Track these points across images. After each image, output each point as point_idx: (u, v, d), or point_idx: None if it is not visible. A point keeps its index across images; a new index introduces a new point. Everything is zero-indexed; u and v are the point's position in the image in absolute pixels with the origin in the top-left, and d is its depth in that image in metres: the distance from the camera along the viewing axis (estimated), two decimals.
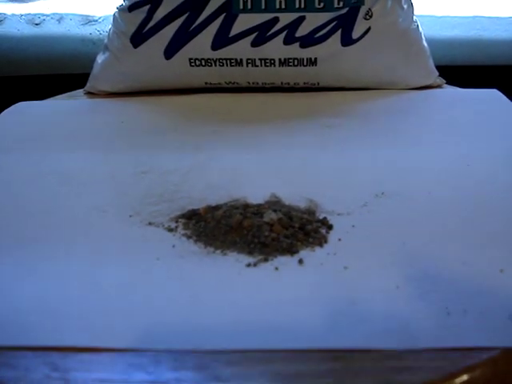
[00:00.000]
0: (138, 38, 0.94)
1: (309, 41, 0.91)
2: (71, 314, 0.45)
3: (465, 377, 0.39)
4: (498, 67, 1.24)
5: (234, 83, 0.97)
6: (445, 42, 1.23)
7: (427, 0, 1.22)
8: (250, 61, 0.93)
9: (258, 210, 0.57)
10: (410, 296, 0.46)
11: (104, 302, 0.47)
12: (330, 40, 0.92)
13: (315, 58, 0.93)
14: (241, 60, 0.93)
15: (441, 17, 1.26)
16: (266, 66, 0.93)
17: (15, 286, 0.49)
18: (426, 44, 0.98)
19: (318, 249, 0.53)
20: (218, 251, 0.52)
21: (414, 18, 0.97)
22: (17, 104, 0.96)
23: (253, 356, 0.41)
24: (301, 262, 0.51)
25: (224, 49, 0.92)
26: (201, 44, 0.92)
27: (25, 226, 0.59)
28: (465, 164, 0.69)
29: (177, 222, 0.58)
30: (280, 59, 0.93)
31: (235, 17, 0.90)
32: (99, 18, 1.29)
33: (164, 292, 0.48)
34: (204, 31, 0.92)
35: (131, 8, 0.93)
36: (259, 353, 0.41)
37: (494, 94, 0.94)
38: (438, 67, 1.00)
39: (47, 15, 1.29)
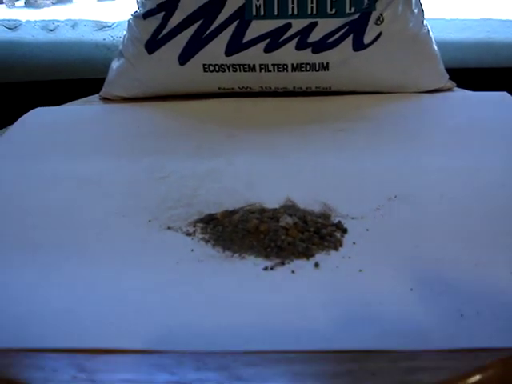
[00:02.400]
0: (153, 44, 0.96)
1: (321, 46, 0.92)
2: (93, 317, 0.47)
3: (478, 376, 0.40)
4: (508, 70, 1.24)
5: (247, 88, 0.98)
6: (455, 44, 1.24)
7: (437, 3, 1.22)
8: (262, 66, 0.94)
9: (274, 215, 0.58)
10: (424, 298, 0.47)
11: (126, 304, 0.48)
12: (341, 45, 0.93)
13: (327, 63, 0.94)
14: (254, 65, 0.94)
15: (451, 20, 1.26)
16: (278, 71, 0.95)
17: (37, 290, 0.50)
18: (436, 47, 0.99)
19: (333, 252, 0.54)
20: (236, 255, 0.54)
21: (425, 22, 0.97)
22: (34, 110, 0.97)
23: (272, 357, 0.42)
24: (316, 265, 0.52)
25: (237, 54, 0.94)
26: (214, 50, 0.94)
27: (45, 231, 0.60)
28: (476, 167, 0.70)
29: (195, 226, 0.59)
30: (292, 64, 0.94)
31: (248, 23, 0.91)
32: (112, 23, 1.30)
33: (184, 295, 0.49)
34: (217, 37, 0.93)
35: (146, 15, 0.95)
36: (278, 354, 0.42)
37: (504, 96, 0.95)
38: (449, 70, 1.01)
39: (61, 21, 1.31)
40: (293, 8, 0.90)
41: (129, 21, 0.99)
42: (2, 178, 0.73)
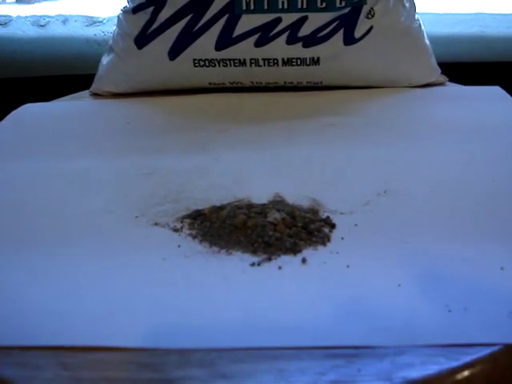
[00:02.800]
0: (143, 39, 0.95)
1: (311, 40, 0.92)
2: (79, 314, 0.46)
3: (466, 372, 0.40)
4: (500, 64, 1.24)
5: (237, 83, 0.98)
6: (447, 39, 1.24)
7: None
8: (253, 61, 0.94)
9: (262, 210, 0.58)
10: (412, 294, 0.47)
11: (111, 301, 0.48)
12: (332, 39, 0.92)
13: (318, 58, 0.94)
14: (244, 60, 0.94)
15: (443, 14, 1.26)
16: (269, 65, 0.94)
17: (23, 287, 0.50)
18: (428, 42, 0.99)
19: (321, 248, 0.53)
20: (223, 251, 0.53)
21: (416, 16, 0.97)
22: (23, 106, 0.97)
23: (257, 353, 0.42)
24: (304, 261, 0.51)
25: (227, 49, 0.93)
26: (204, 45, 0.93)
27: (31, 228, 0.59)
28: (467, 162, 0.70)
29: (182, 222, 0.59)
30: (283, 59, 0.94)
31: (238, 17, 0.91)
32: (103, 19, 1.30)
33: (170, 291, 0.49)
34: (207, 32, 0.93)
35: (135, 10, 0.94)
36: (264, 350, 0.42)
37: (497, 91, 0.95)
38: (441, 64, 1.01)
39: (52, 17, 1.30)
40: (283, 2, 0.90)
41: (118, 16, 0.99)
42: None
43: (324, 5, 0.90)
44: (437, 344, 0.42)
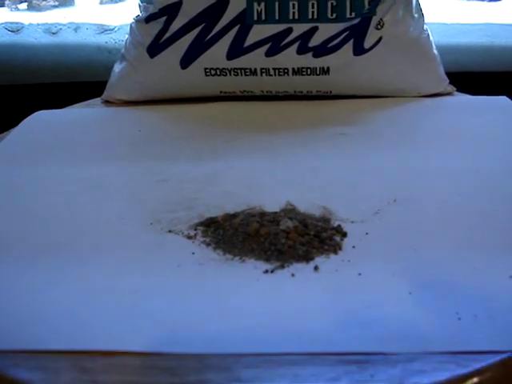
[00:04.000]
0: (155, 48, 0.96)
1: (321, 50, 0.93)
2: (96, 319, 0.47)
3: (475, 379, 0.41)
4: (508, 74, 1.25)
5: (248, 92, 0.99)
6: (455, 49, 1.24)
7: (438, 8, 1.23)
8: (264, 70, 0.95)
9: (275, 218, 0.59)
10: (422, 301, 0.48)
11: (128, 307, 0.48)
12: (342, 49, 0.93)
13: (328, 68, 0.95)
14: (255, 69, 0.95)
15: (451, 24, 1.27)
16: (279, 75, 0.95)
17: (41, 292, 0.51)
18: (436, 52, 1.00)
19: (332, 256, 0.54)
20: (237, 258, 0.54)
21: (425, 26, 0.98)
22: (36, 113, 0.98)
23: (272, 359, 0.42)
24: (316, 268, 0.52)
25: (239, 59, 0.94)
26: (216, 54, 0.95)
27: (46, 234, 0.60)
28: (476, 171, 0.70)
29: (196, 229, 0.60)
30: (293, 68, 0.95)
31: (250, 27, 0.92)
32: (114, 27, 1.31)
33: (185, 298, 0.49)
34: (219, 42, 0.94)
35: (148, 19, 0.95)
36: (278, 356, 0.43)
37: (505, 101, 0.96)
38: (449, 74, 1.02)
39: (64, 24, 1.32)
40: (294, 13, 0.91)
41: (131, 25, 1.00)
42: (4, 180, 0.73)
43: (334, 15, 0.91)
44: (447, 351, 0.43)
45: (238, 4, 0.92)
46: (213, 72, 0.96)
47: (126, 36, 1.02)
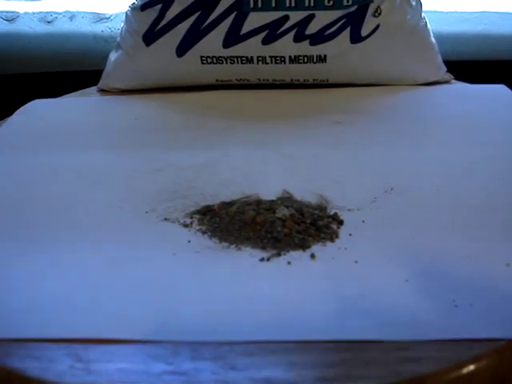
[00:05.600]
0: (151, 36, 0.96)
1: (318, 38, 0.93)
2: (91, 307, 0.47)
3: (471, 367, 0.41)
4: (506, 62, 1.24)
5: (244, 80, 0.99)
6: (453, 37, 1.24)
7: None
8: (260, 58, 0.94)
9: (271, 206, 0.58)
10: (419, 289, 0.48)
11: (123, 295, 0.48)
12: (339, 37, 0.93)
13: (325, 55, 0.94)
14: (251, 57, 0.94)
15: (449, 12, 1.26)
16: (276, 63, 0.95)
17: (35, 280, 0.51)
18: (434, 40, 1.00)
19: (329, 244, 0.54)
20: (233, 246, 0.54)
21: (423, 14, 0.98)
22: (31, 102, 0.97)
23: (267, 346, 0.42)
24: (313, 256, 0.52)
25: (235, 47, 0.94)
26: (212, 42, 0.94)
27: (43, 223, 0.60)
28: (473, 160, 0.70)
29: (192, 217, 0.59)
30: (290, 56, 0.94)
31: (246, 15, 0.92)
32: (110, 15, 1.30)
33: (181, 285, 0.49)
34: (215, 29, 0.93)
35: (143, 7, 0.95)
36: (273, 343, 0.43)
37: (502, 89, 0.95)
38: (446, 63, 1.01)
39: (59, 13, 1.31)
40: (290, 0, 0.90)
41: (126, 13, 0.99)
42: (0, 170, 0.73)
43: (331, 3, 0.91)
44: (443, 339, 0.43)
45: None
46: (209, 60, 0.95)
47: (122, 24, 1.01)
